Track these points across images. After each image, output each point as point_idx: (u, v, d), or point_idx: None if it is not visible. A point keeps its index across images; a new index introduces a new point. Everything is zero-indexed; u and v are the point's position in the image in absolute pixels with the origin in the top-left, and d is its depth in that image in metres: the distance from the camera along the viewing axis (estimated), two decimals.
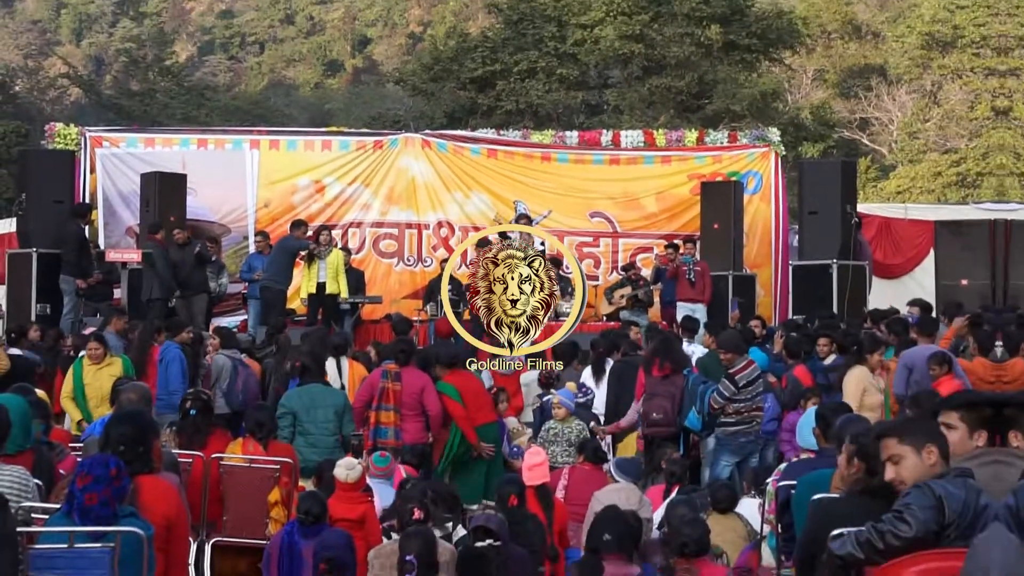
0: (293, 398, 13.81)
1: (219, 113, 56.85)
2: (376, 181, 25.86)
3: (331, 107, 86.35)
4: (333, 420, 13.51)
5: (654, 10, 45.46)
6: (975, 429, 6.46)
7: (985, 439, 6.42)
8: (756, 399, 14.41)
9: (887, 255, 25.97)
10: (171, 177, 23.65)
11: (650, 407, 14.86)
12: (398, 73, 56.26)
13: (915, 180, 52.77)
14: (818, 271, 22.90)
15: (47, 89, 70.53)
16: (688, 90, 45.29)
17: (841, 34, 68.01)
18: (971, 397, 6.98)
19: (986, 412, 6.49)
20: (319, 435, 13.31)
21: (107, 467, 6.90)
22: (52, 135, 25.27)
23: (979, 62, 52.87)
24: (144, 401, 10.30)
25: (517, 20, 47.02)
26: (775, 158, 25.81)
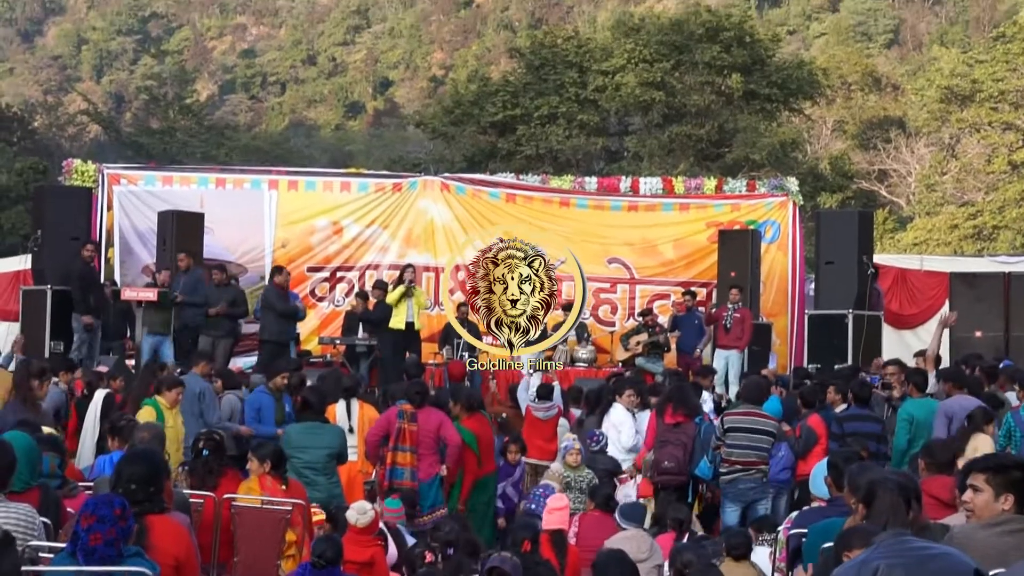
0: (290, 435, 13.78)
1: (239, 152, 57.02)
2: (394, 223, 25.89)
3: (351, 148, 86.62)
4: (325, 460, 13.46)
5: (675, 58, 45.65)
6: (1002, 492, 6.42)
7: (1012, 503, 6.38)
8: (752, 450, 14.34)
9: (902, 306, 25.92)
10: (188, 216, 23.69)
11: (661, 455, 14.85)
12: (419, 116, 56.57)
13: (932, 232, 52.71)
14: (834, 321, 22.86)
15: (66, 126, 70.72)
16: (708, 138, 45.43)
17: (861, 86, 68.21)
18: (1000, 460, 6.92)
19: (1014, 475, 6.46)
20: (311, 473, 13.24)
21: (112, 507, 6.84)
22: (70, 171, 25.17)
23: (997, 116, 52.92)
24: (157, 441, 10.28)
25: (539, 65, 47.24)
26: (793, 208, 25.82)
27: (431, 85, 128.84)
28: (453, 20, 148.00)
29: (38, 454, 8.90)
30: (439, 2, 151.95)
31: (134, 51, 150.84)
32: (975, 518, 6.44)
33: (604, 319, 25.69)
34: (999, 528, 6.21)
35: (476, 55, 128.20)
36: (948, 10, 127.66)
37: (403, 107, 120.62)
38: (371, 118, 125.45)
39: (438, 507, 14.24)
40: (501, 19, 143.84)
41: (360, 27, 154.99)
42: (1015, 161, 52.08)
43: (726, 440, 14.32)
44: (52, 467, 9.34)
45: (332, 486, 13.39)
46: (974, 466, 6.70)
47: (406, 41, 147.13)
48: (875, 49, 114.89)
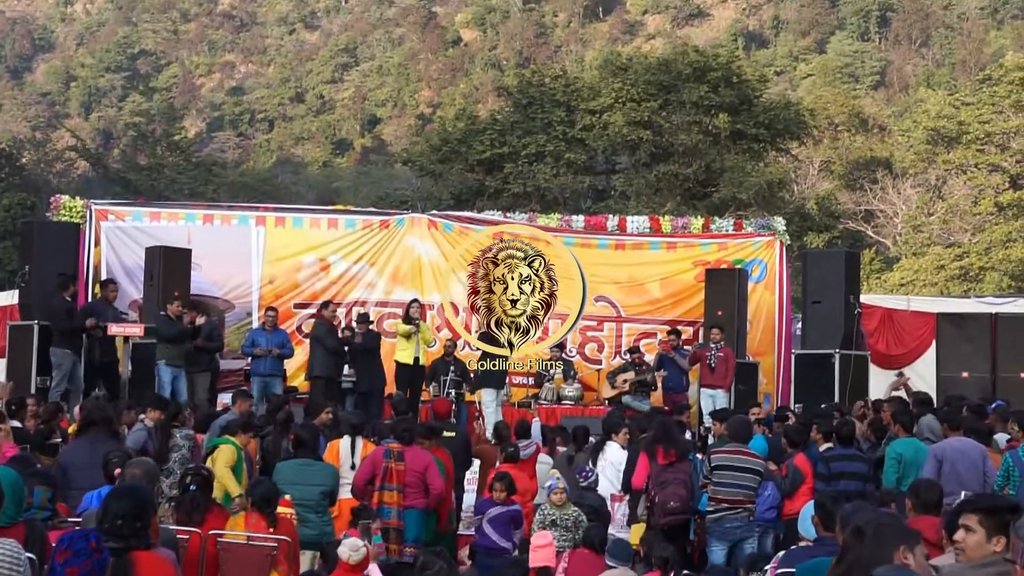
0: (281, 472, 13.74)
1: (227, 189, 57.11)
2: (381, 260, 25.88)
3: (339, 185, 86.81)
4: (319, 496, 13.42)
5: (663, 97, 45.80)
6: (994, 534, 6.42)
7: (1004, 545, 6.37)
8: (740, 489, 14.33)
9: (889, 346, 25.98)
10: (176, 252, 23.66)
11: (666, 496, 14.77)
12: (406, 153, 56.58)
13: (918, 273, 52.87)
14: (820, 360, 22.89)
15: (54, 162, 70.69)
16: (695, 177, 45.54)
17: (848, 127, 68.54)
18: (994, 501, 6.92)
19: (1007, 518, 6.46)
20: (303, 511, 13.20)
21: (87, 540, 6.87)
22: (57, 207, 25.12)
23: (983, 158, 53.19)
24: (148, 478, 10.25)
25: (526, 104, 47.37)
26: (780, 247, 25.86)
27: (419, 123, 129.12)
28: (441, 58, 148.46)
29: (24, 489, 8.87)
30: (427, 40, 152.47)
31: (123, 88, 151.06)
32: (965, 558, 6.43)
33: (591, 357, 25.68)
34: (989, 569, 6.21)
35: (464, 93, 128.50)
36: (935, 52, 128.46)
37: (391, 144, 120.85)
38: (358, 155, 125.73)
39: (421, 541, 14.22)
40: (489, 58, 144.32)
41: (348, 65, 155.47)
42: (1002, 203, 52.31)
43: (713, 478, 14.32)
44: (43, 500, 9.34)
45: (324, 524, 13.36)
46: (967, 506, 6.70)
47: (394, 79, 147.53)
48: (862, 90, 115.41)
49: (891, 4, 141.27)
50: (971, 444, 14.34)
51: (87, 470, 12.50)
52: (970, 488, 13.02)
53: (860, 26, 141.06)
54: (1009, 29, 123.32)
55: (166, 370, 21.61)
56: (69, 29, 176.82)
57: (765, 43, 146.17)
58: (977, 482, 13.69)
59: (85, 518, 10.07)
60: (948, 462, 14.02)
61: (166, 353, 21.59)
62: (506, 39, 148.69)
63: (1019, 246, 50.48)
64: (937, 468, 14.03)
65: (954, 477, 13.54)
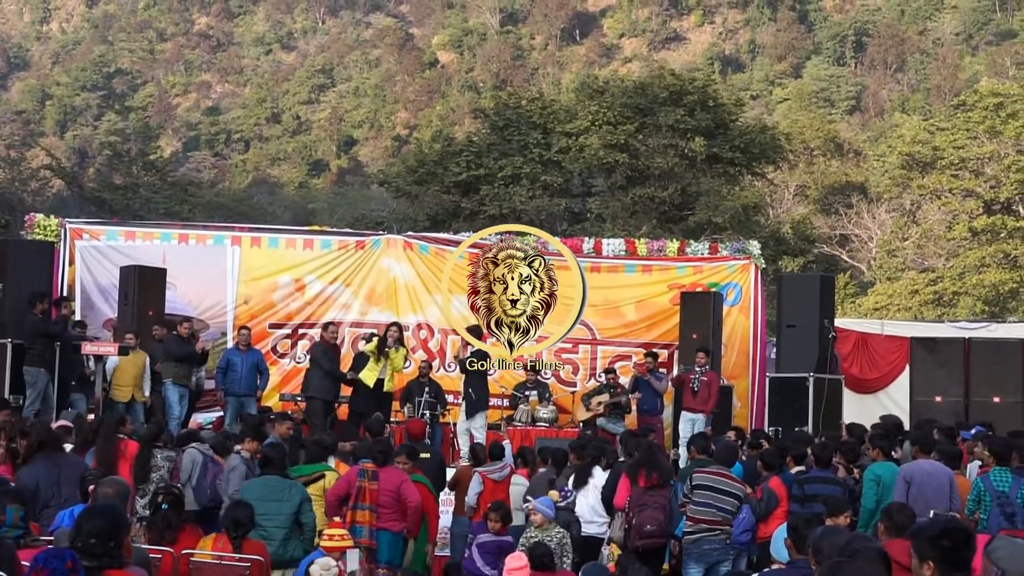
0: (249, 490, 13.68)
1: (202, 209, 56.92)
2: (357, 281, 25.85)
3: (315, 206, 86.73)
4: (287, 514, 13.36)
5: (639, 121, 45.91)
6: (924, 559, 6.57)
7: (933, 570, 6.51)
8: (717, 510, 14.35)
9: (863, 370, 26.05)
10: (151, 271, 23.62)
11: (643, 518, 14.77)
12: (383, 175, 56.57)
13: (892, 297, 53.09)
14: (795, 384, 22.90)
15: (29, 180, 70.28)
16: (671, 201, 45.62)
17: (823, 151, 68.86)
18: (919, 527, 7.07)
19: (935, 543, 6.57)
20: (271, 527, 13.11)
21: (63, 559, 6.86)
22: (32, 226, 25.03)
23: (957, 183, 53.45)
24: (120, 497, 10.22)
25: (503, 126, 47.44)
26: (755, 271, 25.88)
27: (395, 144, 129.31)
28: (418, 80, 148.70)
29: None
30: (404, 62, 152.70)
31: (98, 107, 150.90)
32: None
33: (565, 379, 25.67)
34: None
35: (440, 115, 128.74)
36: (910, 78, 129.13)
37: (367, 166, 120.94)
38: (335, 176, 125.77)
39: (395, 564, 14.21)
40: (465, 80, 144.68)
41: (325, 86, 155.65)
42: (976, 228, 52.57)
43: (693, 497, 14.34)
44: (15, 518, 9.30)
45: (292, 542, 13.28)
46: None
47: (371, 100, 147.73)
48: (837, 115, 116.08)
49: (867, 29, 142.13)
50: (939, 467, 14.38)
51: (51, 488, 12.46)
52: (938, 510, 13.07)
53: (836, 51, 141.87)
54: (984, 55, 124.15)
55: (173, 389, 21.77)
56: (44, 48, 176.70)
57: (741, 67, 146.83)
58: (943, 505, 13.74)
59: (57, 537, 10.03)
60: (916, 484, 14.07)
61: (173, 372, 21.77)
62: (483, 61, 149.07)
63: (993, 271, 50.74)
64: (906, 490, 14.09)
65: (921, 499, 13.57)
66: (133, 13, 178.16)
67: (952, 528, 6.77)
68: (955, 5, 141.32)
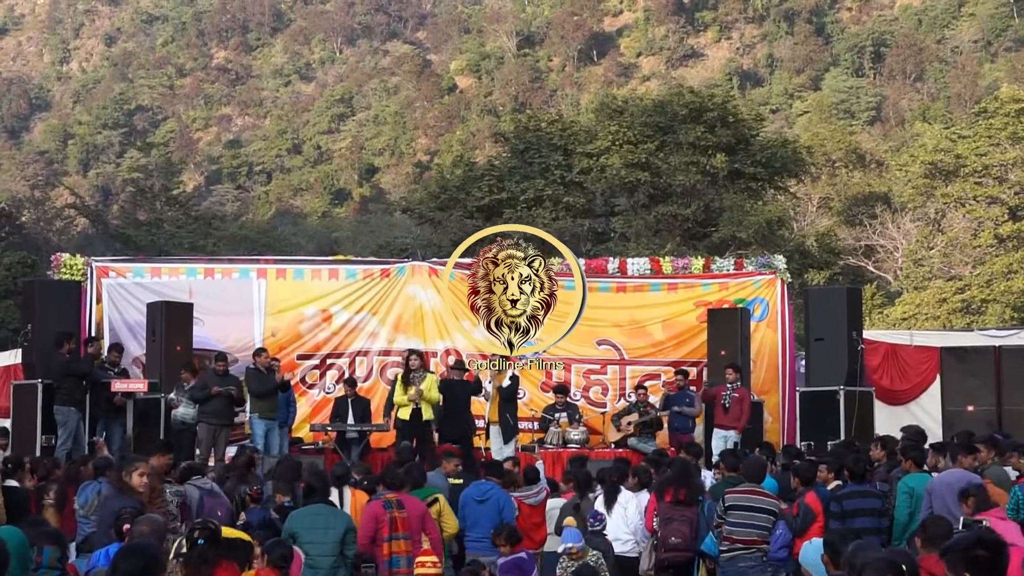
0: (296, 519, 13.66)
1: (227, 242, 57.12)
2: (383, 309, 25.84)
3: (338, 235, 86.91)
4: (333, 542, 13.34)
5: (659, 139, 45.88)
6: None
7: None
8: (754, 529, 14.26)
9: (893, 382, 25.89)
10: (178, 306, 23.68)
11: (668, 531, 14.77)
12: (405, 202, 56.67)
13: (920, 307, 52.87)
14: (825, 397, 22.83)
15: (53, 220, 70.75)
16: (694, 218, 45.57)
17: (845, 163, 68.66)
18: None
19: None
20: (318, 556, 13.10)
21: None
22: (58, 265, 25.05)
23: (981, 190, 53.26)
24: (156, 535, 10.20)
25: (524, 149, 47.45)
26: (781, 285, 25.81)
27: (416, 170, 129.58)
28: (437, 106, 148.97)
29: (29, 550, 8.87)
30: (422, 89, 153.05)
31: (120, 144, 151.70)
32: None
33: (595, 400, 25.61)
34: None
35: (460, 140, 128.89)
36: (929, 87, 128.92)
37: (389, 193, 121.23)
38: (357, 205, 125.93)
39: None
40: (485, 104, 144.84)
41: (345, 115, 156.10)
42: (1001, 234, 52.36)
43: (727, 518, 14.25)
44: (52, 560, 9.32)
45: (335, 568, 13.25)
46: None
47: (391, 128, 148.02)
48: (858, 126, 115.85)
49: (884, 39, 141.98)
50: (959, 475, 14.29)
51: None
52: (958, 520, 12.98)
53: (854, 62, 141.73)
54: (1003, 61, 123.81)
55: (259, 423, 21.88)
56: (65, 87, 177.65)
57: (760, 82, 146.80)
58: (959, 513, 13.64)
59: None
60: (937, 496, 14.00)
61: (258, 407, 21.90)
62: (501, 85, 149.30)
63: (1020, 277, 50.49)
64: (929, 502, 14.05)
65: (944, 510, 13.48)
66: (152, 50, 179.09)
67: (988, 539, 6.72)
68: (972, 13, 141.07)
